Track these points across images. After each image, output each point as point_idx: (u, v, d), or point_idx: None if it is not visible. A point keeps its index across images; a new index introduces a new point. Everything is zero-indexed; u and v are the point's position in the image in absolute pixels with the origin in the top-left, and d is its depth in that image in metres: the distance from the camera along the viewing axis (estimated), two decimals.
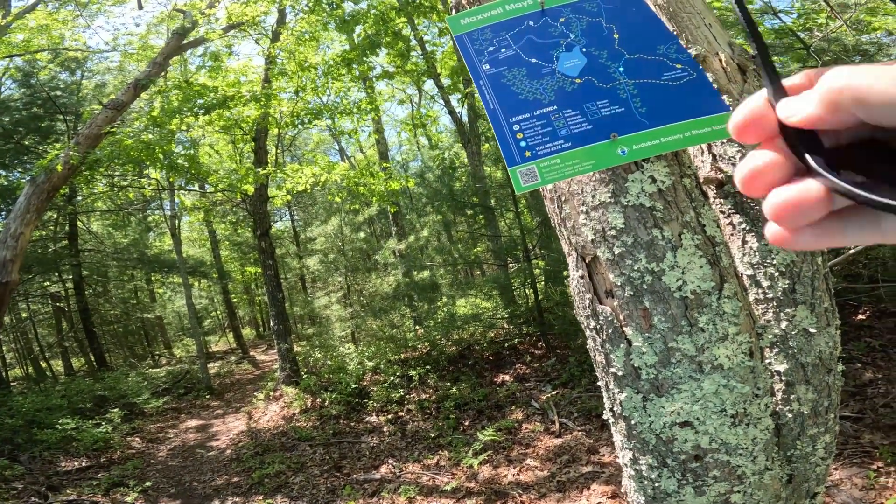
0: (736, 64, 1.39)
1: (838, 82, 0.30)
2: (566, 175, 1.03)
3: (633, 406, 1.08)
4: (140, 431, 8.23)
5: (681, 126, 1.03)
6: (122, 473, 6.24)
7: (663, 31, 1.11)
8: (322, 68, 8.25)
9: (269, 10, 8.44)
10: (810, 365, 1.24)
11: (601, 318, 1.10)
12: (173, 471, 6.42)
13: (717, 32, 1.43)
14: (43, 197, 7.47)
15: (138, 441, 7.74)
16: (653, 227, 1.06)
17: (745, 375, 1.04)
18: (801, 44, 6.01)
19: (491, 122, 1.06)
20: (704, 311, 1.03)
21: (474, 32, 1.16)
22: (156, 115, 8.03)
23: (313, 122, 8.67)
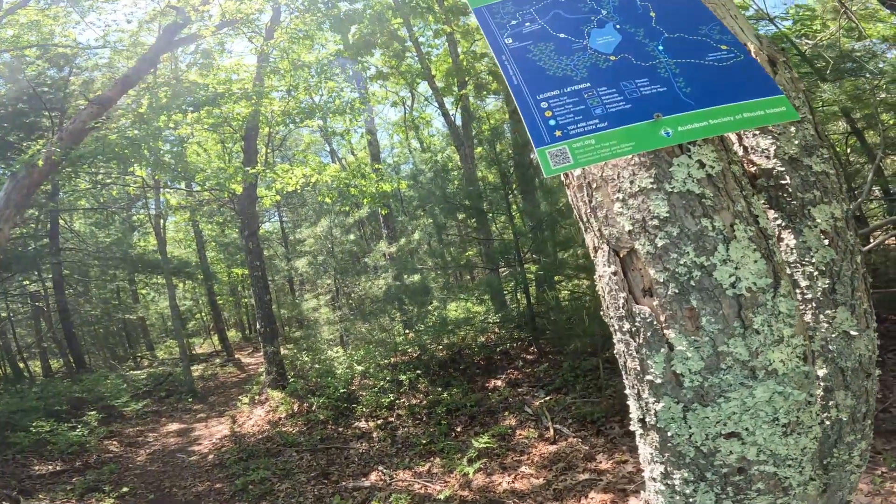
0: (765, 55, 1.32)
1: None
2: (603, 157, 0.94)
3: (672, 416, 0.99)
4: (118, 435, 7.98)
5: (731, 108, 0.96)
6: (97, 478, 6.02)
7: (704, 12, 1.05)
8: (315, 67, 8.17)
9: (264, 7, 8.35)
10: (850, 369, 1.18)
11: (638, 319, 1.00)
12: (152, 476, 6.22)
13: (743, 24, 1.37)
14: (23, 193, 7.24)
15: (116, 445, 7.50)
16: (702, 217, 0.96)
17: (800, 381, 0.96)
18: (796, 50, 6.07)
19: (515, 100, 0.97)
20: (759, 311, 0.94)
21: (495, 6, 1.09)
22: (143, 111, 7.87)
23: (305, 121, 8.56)
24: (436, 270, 8.89)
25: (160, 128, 7.68)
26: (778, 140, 1.31)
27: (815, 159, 1.28)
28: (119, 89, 8.51)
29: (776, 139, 1.31)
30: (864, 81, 5.41)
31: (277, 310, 11.95)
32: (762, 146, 1.32)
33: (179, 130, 9.19)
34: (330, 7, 7.70)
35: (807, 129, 1.31)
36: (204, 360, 16.51)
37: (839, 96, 5.31)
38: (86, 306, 14.75)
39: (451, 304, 8.98)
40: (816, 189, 1.26)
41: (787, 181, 1.26)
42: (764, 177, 1.31)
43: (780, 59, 1.34)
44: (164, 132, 8.17)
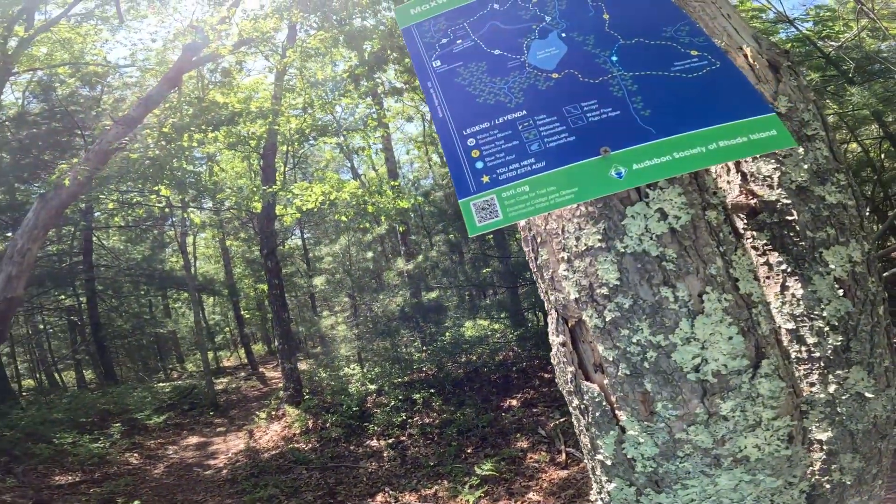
0: (766, 60, 1.12)
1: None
2: (538, 209, 0.76)
3: (624, 498, 0.85)
4: (139, 447, 8.08)
5: (702, 135, 0.75)
6: (113, 490, 6.08)
7: (670, 9, 0.85)
8: (331, 84, 8.25)
9: (279, 25, 8.51)
10: (861, 432, 1.00)
11: (587, 397, 0.86)
12: (166, 489, 6.24)
13: (738, 24, 1.17)
14: (52, 213, 7.50)
15: (136, 457, 7.58)
16: (661, 285, 0.79)
17: (778, 467, 0.80)
18: (820, 52, 5.76)
19: (439, 137, 0.80)
20: (730, 396, 0.78)
21: (425, 23, 0.93)
22: (166, 130, 8.08)
23: (320, 138, 8.63)
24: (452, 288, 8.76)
25: (182, 146, 7.86)
26: (783, 164, 1.10)
27: (829, 188, 1.07)
28: (143, 109, 8.79)
29: (781, 163, 1.10)
30: (895, 83, 5.05)
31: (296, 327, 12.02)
32: (764, 172, 1.10)
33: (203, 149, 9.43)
34: (343, 24, 7.77)
35: (819, 150, 1.10)
36: (230, 373, 16.77)
37: (869, 99, 4.96)
38: (118, 320, 15.20)
39: (468, 322, 8.82)
40: (830, 226, 1.05)
41: (793, 216, 1.06)
42: (766, 211, 1.09)
43: (785, 64, 1.14)
44: (187, 151, 8.36)
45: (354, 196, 8.88)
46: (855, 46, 5.64)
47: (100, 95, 12.25)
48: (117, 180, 7.86)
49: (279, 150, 9.77)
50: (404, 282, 9.76)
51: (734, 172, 1.17)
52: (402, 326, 9.04)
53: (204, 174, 9.93)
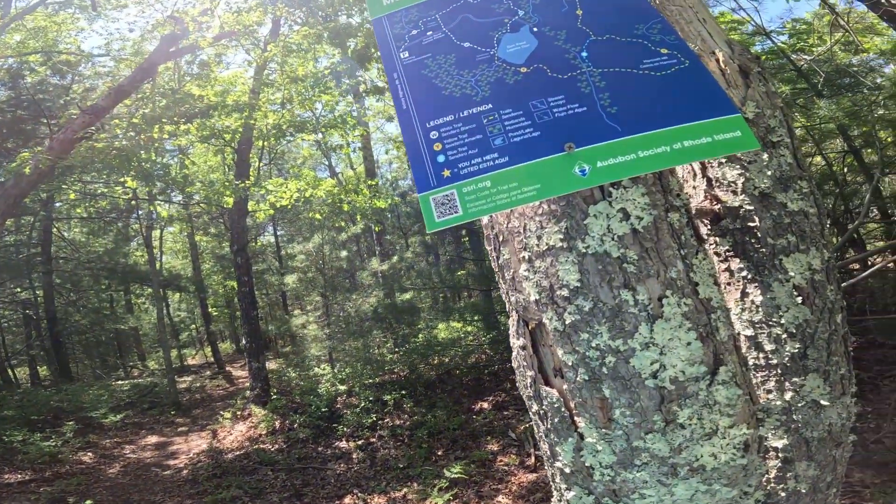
0: (737, 65, 1.14)
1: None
2: (499, 206, 0.73)
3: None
4: (93, 446, 7.77)
5: (667, 134, 0.74)
6: (64, 489, 5.84)
7: (643, 7, 0.85)
8: (311, 80, 8.15)
9: (263, 19, 8.36)
10: (816, 440, 1.02)
11: (546, 402, 0.83)
12: (122, 489, 6.01)
13: (713, 29, 1.19)
14: (10, 202, 7.16)
15: (90, 456, 7.28)
16: (621, 287, 0.76)
17: (733, 476, 0.79)
18: (792, 65, 5.98)
19: (401, 130, 0.78)
20: (688, 404, 0.77)
21: (397, 14, 0.90)
22: (136, 121, 7.83)
23: (297, 134, 8.51)
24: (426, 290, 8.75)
25: (153, 138, 7.62)
26: (748, 170, 1.10)
27: (791, 195, 1.09)
28: (113, 99, 8.49)
29: (746, 169, 1.10)
30: (862, 98, 5.26)
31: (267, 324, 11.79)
32: (729, 178, 1.10)
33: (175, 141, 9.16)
34: (328, 21, 7.70)
35: (783, 157, 1.11)
36: (194, 371, 16.31)
37: (836, 113, 5.16)
38: (76, 315, 14.59)
39: (441, 324, 8.83)
40: (791, 234, 1.07)
41: (755, 223, 1.07)
42: (730, 217, 1.10)
43: (755, 70, 1.16)
44: (157, 144, 8.12)
45: (330, 194, 8.78)
46: (826, 60, 5.86)
47: (70, 84, 11.79)
48: (81, 170, 7.56)
49: (255, 145, 9.59)
50: (378, 282, 9.70)
51: (700, 177, 1.17)
52: (374, 327, 8.97)
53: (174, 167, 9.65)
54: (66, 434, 7.45)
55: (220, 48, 8.92)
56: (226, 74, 9.29)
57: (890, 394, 4.50)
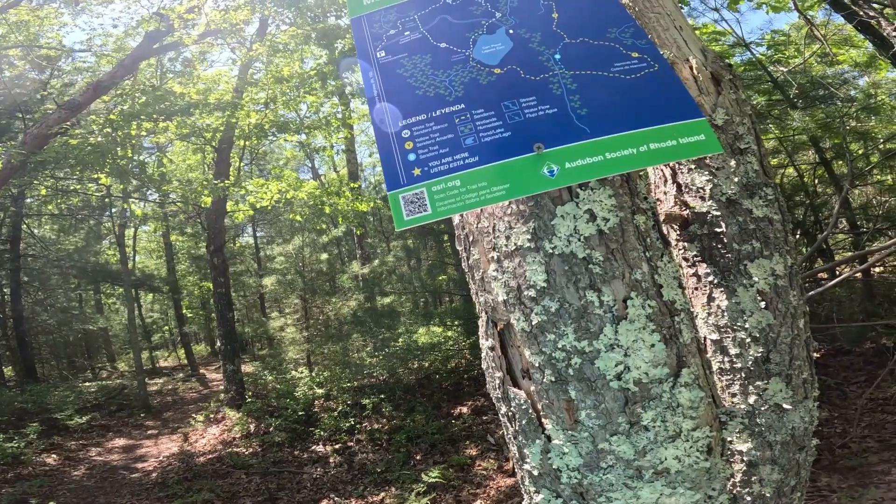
0: (709, 72, 1.18)
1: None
2: (468, 205, 0.74)
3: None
4: (58, 448, 7.51)
5: (635, 136, 0.75)
6: (26, 490, 5.65)
7: (617, 11, 0.87)
8: (297, 81, 8.09)
9: (251, 18, 8.28)
10: (779, 443, 1.05)
11: (514, 404, 0.84)
12: (87, 491, 5.84)
13: (689, 36, 1.24)
14: None
15: (54, 458, 7.04)
16: (587, 288, 0.77)
17: (697, 479, 0.80)
18: (769, 76, 6.13)
19: (374, 128, 0.79)
20: (651, 405, 0.78)
21: (375, 14, 0.91)
22: (114, 117, 7.66)
23: (280, 135, 8.44)
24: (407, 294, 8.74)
25: (129, 135, 7.47)
26: (716, 176, 1.14)
27: (756, 201, 1.13)
28: (91, 95, 8.29)
29: (714, 175, 1.14)
30: (835, 109, 5.42)
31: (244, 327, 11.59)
32: (697, 184, 1.14)
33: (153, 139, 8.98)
34: (317, 21, 7.67)
35: (750, 164, 1.16)
36: (166, 373, 15.91)
37: (809, 125, 5.30)
38: (43, 314, 14.11)
39: (422, 329, 8.82)
40: (756, 239, 1.10)
41: (722, 228, 1.11)
42: (698, 222, 1.13)
43: (727, 77, 1.20)
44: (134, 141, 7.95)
45: (312, 196, 8.71)
46: (802, 71, 6.03)
47: (48, 79, 11.48)
48: (54, 166, 7.35)
49: (236, 144, 9.46)
50: (358, 286, 9.64)
51: (670, 183, 1.20)
52: (354, 331, 8.91)
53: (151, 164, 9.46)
54: (30, 435, 7.20)
55: (205, 46, 8.81)
56: (209, 72, 9.17)
57: (856, 399, 4.65)
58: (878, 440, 4.11)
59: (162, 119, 7.48)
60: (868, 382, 4.81)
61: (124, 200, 10.38)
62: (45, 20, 8.89)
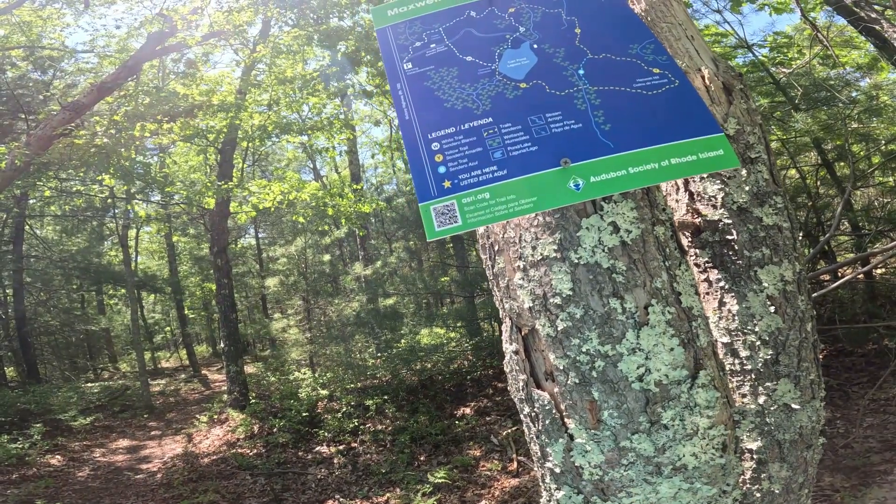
0: (721, 82, 1.20)
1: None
2: (497, 217, 0.76)
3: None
4: (62, 449, 7.54)
5: (656, 152, 0.78)
6: (31, 491, 5.67)
7: (638, 27, 0.89)
8: (300, 82, 8.12)
9: (253, 19, 8.31)
10: (788, 442, 1.08)
11: (537, 405, 0.87)
12: (92, 492, 5.86)
13: (700, 46, 1.26)
14: None
15: (58, 459, 7.07)
16: (611, 296, 0.81)
17: (713, 475, 0.84)
18: (771, 78, 6.13)
19: (403, 140, 0.81)
20: (671, 405, 0.81)
21: (400, 25, 0.93)
22: (117, 118, 7.69)
23: (283, 136, 8.47)
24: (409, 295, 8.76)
25: (133, 136, 7.50)
26: (727, 185, 1.17)
27: (766, 210, 1.16)
28: (95, 96, 8.31)
29: (725, 184, 1.17)
30: (837, 111, 5.42)
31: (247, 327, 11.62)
32: (709, 192, 1.17)
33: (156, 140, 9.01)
34: (320, 22, 7.70)
35: (760, 173, 1.19)
36: (168, 374, 15.95)
37: (811, 126, 5.31)
38: (45, 315, 14.15)
39: (424, 330, 8.84)
40: (766, 247, 1.13)
41: (733, 236, 1.14)
42: (709, 230, 1.17)
43: (737, 87, 1.23)
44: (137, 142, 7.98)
45: (314, 197, 8.74)
46: (805, 73, 6.03)
47: (51, 80, 11.52)
48: (58, 167, 7.38)
49: (239, 145, 9.49)
50: (361, 287, 9.67)
51: (683, 191, 1.23)
52: (356, 332, 8.94)
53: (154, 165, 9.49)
54: (34, 436, 7.23)
55: (208, 47, 8.84)
56: (212, 74, 9.20)
57: (858, 400, 4.68)
58: (880, 440, 4.13)
59: (166, 120, 7.51)
60: (870, 383, 4.83)
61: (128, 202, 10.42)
62: (48, 21, 8.93)
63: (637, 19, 0.92)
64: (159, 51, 9.15)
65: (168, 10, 8.47)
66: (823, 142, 6.14)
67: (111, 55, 10.47)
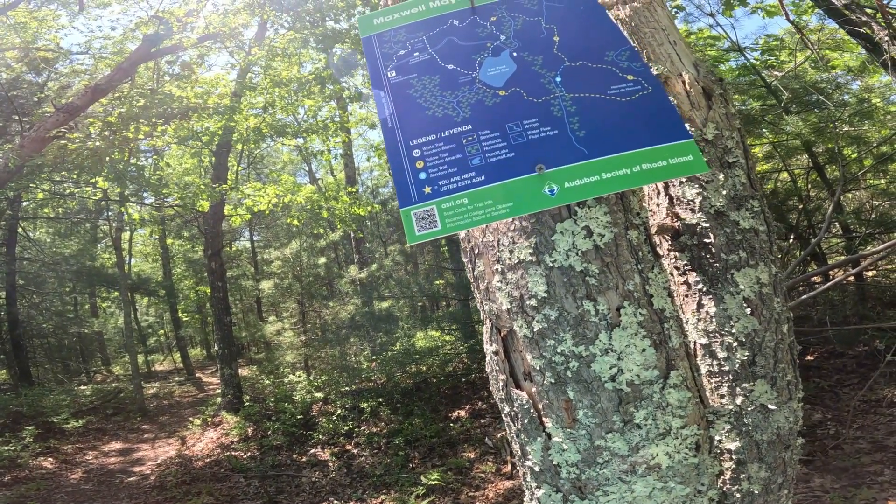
0: (701, 87, 1.22)
1: None
2: (475, 222, 0.79)
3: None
4: (54, 452, 7.50)
5: (628, 157, 0.80)
6: (23, 493, 5.64)
7: (614, 35, 0.92)
8: (295, 85, 8.13)
9: (249, 22, 8.33)
10: (766, 442, 1.10)
11: (516, 404, 0.89)
12: (84, 495, 5.83)
13: (682, 51, 1.27)
14: None
15: (51, 462, 7.03)
16: (584, 298, 0.83)
17: (686, 474, 0.86)
18: (763, 81, 6.17)
19: (386, 146, 0.83)
20: (643, 405, 0.83)
21: (386, 34, 0.95)
22: (112, 120, 7.68)
23: (278, 139, 8.47)
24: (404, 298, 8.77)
25: (128, 138, 7.49)
26: (705, 189, 1.18)
27: (743, 213, 1.18)
28: (89, 98, 8.30)
29: (703, 188, 1.18)
30: (828, 114, 5.46)
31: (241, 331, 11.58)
32: (688, 196, 1.18)
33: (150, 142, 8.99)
34: (315, 25, 7.72)
35: (738, 177, 1.20)
36: (162, 377, 15.89)
37: (802, 129, 5.34)
38: (38, 318, 14.06)
39: (419, 333, 8.85)
40: (742, 250, 1.15)
41: (711, 239, 1.16)
42: (688, 233, 1.18)
43: (717, 92, 1.25)
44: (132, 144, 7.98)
45: (310, 200, 8.74)
46: (795, 76, 6.08)
47: (45, 81, 11.48)
48: (51, 169, 7.36)
49: (234, 148, 9.49)
50: (356, 290, 9.67)
51: (663, 195, 1.25)
52: (351, 335, 8.93)
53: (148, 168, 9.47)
54: (26, 438, 7.20)
55: (204, 49, 8.84)
56: (208, 76, 9.21)
57: (849, 401, 4.71)
58: (870, 441, 4.17)
59: (160, 122, 7.51)
60: (861, 384, 4.87)
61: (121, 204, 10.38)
62: (43, 22, 8.91)
63: (615, 26, 0.94)
64: (154, 53, 9.14)
65: (164, 11, 8.48)
66: (814, 145, 6.19)
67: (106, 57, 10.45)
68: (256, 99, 8.59)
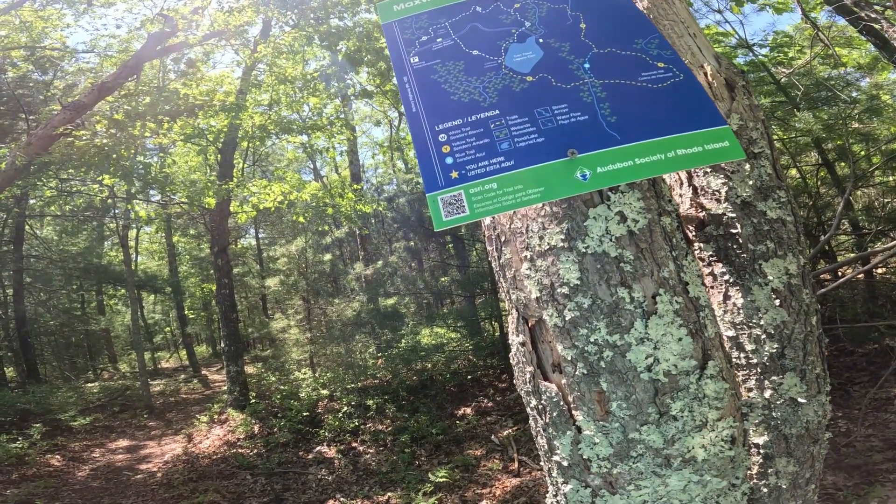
0: (723, 79, 1.20)
1: None
2: (505, 207, 0.77)
3: (580, 500, 0.87)
4: (62, 449, 7.54)
5: (662, 143, 0.79)
6: (31, 491, 5.67)
7: (642, 23, 0.90)
8: (300, 83, 8.13)
9: (254, 20, 8.32)
10: (794, 436, 1.07)
11: (545, 397, 0.86)
12: (92, 492, 5.85)
13: (703, 43, 1.26)
14: None
15: (58, 459, 7.07)
16: (618, 286, 0.80)
17: (722, 468, 0.83)
18: (772, 78, 6.12)
19: (410, 132, 0.82)
20: (679, 396, 0.80)
21: (407, 20, 0.94)
22: (118, 117, 7.70)
23: (283, 136, 8.47)
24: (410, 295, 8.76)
25: (134, 136, 7.50)
26: (731, 180, 1.17)
27: (770, 203, 1.16)
28: (96, 96, 8.32)
29: (729, 178, 1.17)
30: (838, 111, 5.41)
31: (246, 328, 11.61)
32: (713, 187, 1.16)
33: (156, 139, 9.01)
34: (320, 22, 7.71)
35: (763, 167, 1.19)
36: (168, 374, 15.95)
37: (812, 126, 5.29)
38: (46, 315, 14.14)
39: (425, 330, 8.84)
40: (770, 240, 1.13)
41: (737, 230, 1.14)
42: (713, 224, 1.16)
43: (740, 84, 1.23)
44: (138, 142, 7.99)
45: (315, 197, 8.74)
46: (805, 73, 6.03)
47: (51, 80, 11.52)
48: (58, 167, 7.38)
49: (239, 145, 9.49)
50: (362, 287, 9.67)
51: (686, 186, 1.22)
52: (357, 332, 8.93)
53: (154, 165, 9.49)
54: (34, 436, 7.23)
55: (209, 47, 8.84)
56: (213, 74, 9.22)
57: (860, 399, 4.68)
58: (882, 439, 4.13)
59: (166, 120, 7.52)
60: (872, 382, 4.83)
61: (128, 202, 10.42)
62: (49, 21, 8.94)
63: (641, 15, 0.93)
64: (160, 51, 9.15)
65: (169, 10, 8.48)
66: (824, 142, 6.14)
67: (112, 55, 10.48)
68: (262, 96, 8.59)
